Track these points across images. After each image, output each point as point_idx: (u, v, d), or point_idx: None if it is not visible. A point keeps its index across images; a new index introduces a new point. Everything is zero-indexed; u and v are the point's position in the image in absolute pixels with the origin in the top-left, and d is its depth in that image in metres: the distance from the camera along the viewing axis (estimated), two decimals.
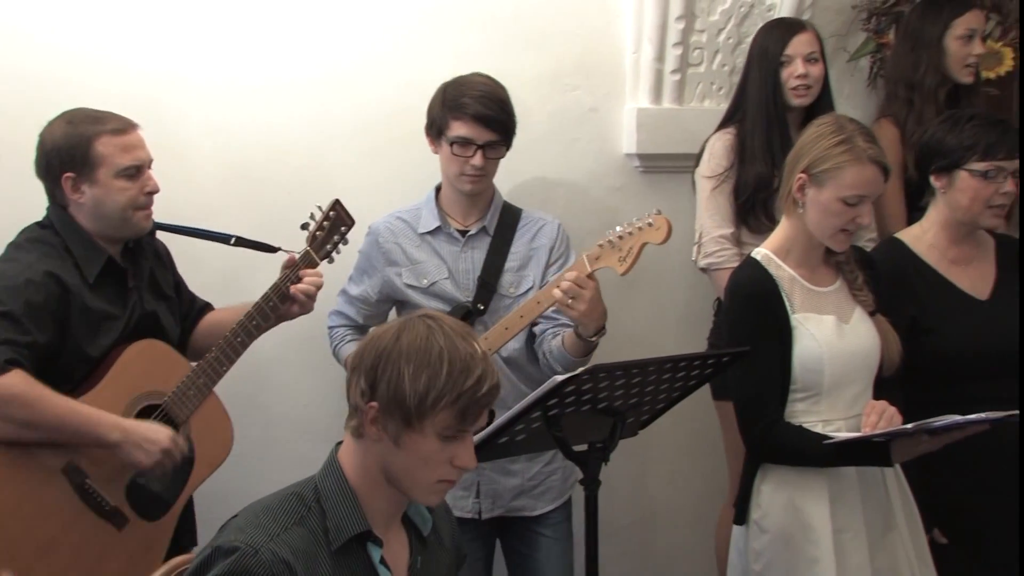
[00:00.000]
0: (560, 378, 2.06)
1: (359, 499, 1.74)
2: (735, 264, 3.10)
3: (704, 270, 3.21)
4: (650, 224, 2.50)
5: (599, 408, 2.17)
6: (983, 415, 2.24)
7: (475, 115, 2.70)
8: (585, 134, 3.39)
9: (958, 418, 2.24)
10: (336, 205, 2.66)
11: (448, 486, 1.78)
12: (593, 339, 2.63)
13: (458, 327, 1.73)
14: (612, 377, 2.12)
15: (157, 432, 2.41)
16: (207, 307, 2.80)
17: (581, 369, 2.07)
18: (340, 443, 1.80)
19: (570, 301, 2.53)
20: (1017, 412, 2.31)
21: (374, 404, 1.69)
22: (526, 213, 2.90)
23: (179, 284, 2.75)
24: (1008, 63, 3.51)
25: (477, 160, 2.73)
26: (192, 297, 2.78)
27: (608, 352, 2.70)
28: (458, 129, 2.73)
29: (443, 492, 1.79)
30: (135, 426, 2.41)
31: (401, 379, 1.66)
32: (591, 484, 2.21)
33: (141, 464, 2.40)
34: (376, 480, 1.75)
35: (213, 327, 2.72)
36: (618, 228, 2.54)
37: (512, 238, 2.84)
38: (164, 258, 2.71)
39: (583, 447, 2.22)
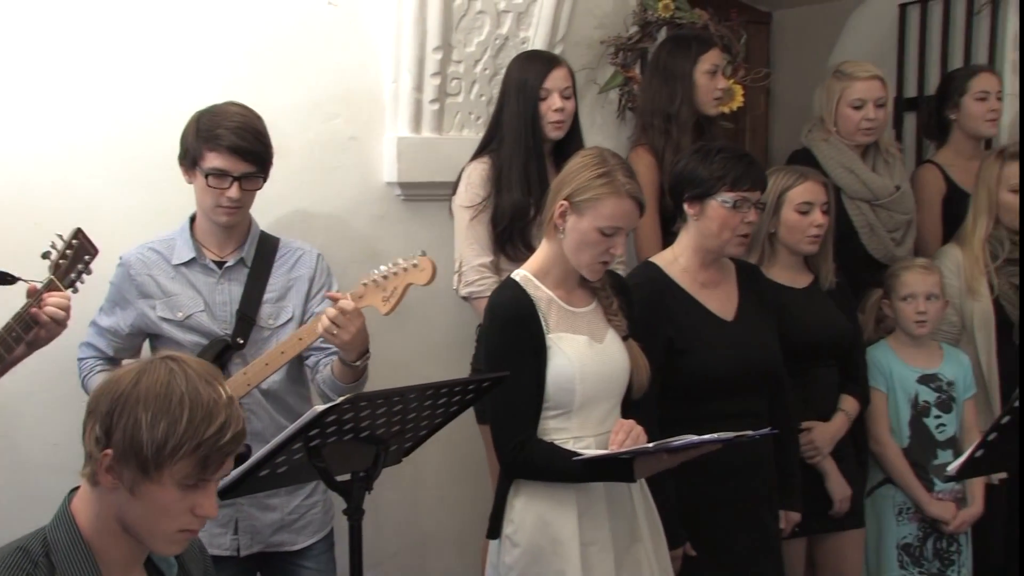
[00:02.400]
0: (320, 408, 2.04)
1: (93, 550, 1.65)
2: None
3: (466, 299, 3.25)
4: (415, 265, 2.53)
5: (361, 437, 2.15)
6: (716, 436, 2.37)
7: (231, 147, 2.64)
8: (345, 163, 3.39)
9: (694, 438, 2.35)
10: (78, 234, 2.53)
11: (190, 536, 1.71)
12: (357, 364, 2.62)
13: (202, 370, 1.66)
14: (373, 405, 2.11)
15: None
16: None
17: (341, 399, 2.05)
18: (74, 490, 1.71)
19: (336, 331, 2.53)
20: (749, 432, 2.45)
21: (108, 452, 1.61)
22: (284, 242, 2.86)
23: None
24: (739, 99, 3.76)
25: (233, 192, 2.67)
26: None
27: (374, 380, 2.70)
28: (213, 160, 2.65)
29: (184, 542, 1.71)
30: None
31: (138, 427, 1.59)
32: (355, 513, 2.19)
33: None
34: (112, 530, 1.66)
35: None
36: (383, 267, 2.56)
37: (270, 269, 2.79)
38: None
39: (346, 477, 2.20)
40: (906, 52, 4.67)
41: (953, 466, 2.60)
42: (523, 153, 3.20)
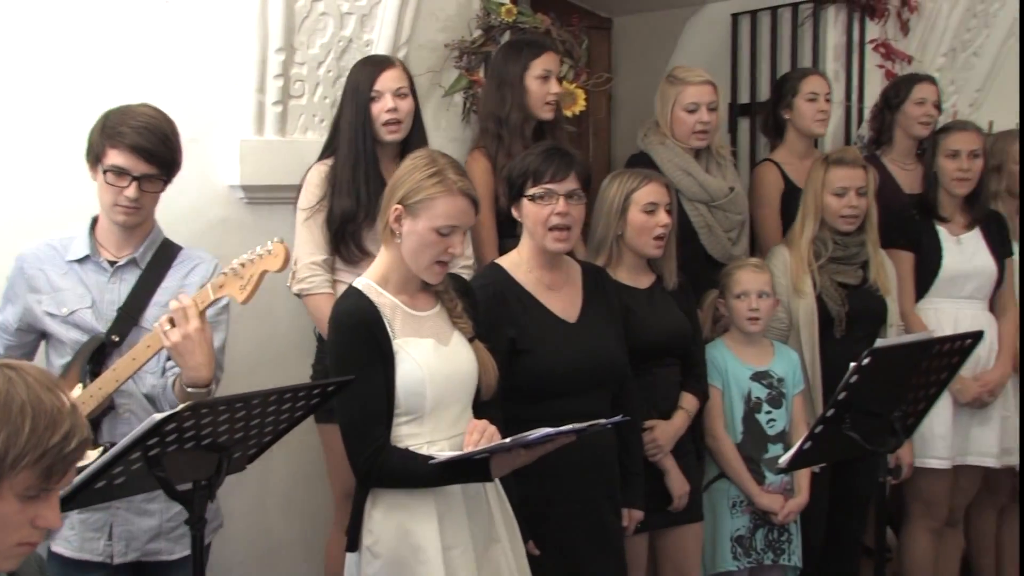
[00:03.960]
0: (159, 416, 1.99)
1: None
2: (327, 289, 3.19)
3: (298, 295, 3.25)
4: (269, 251, 2.51)
5: (203, 445, 2.12)
6: (570, 426, 2.41)
7: (132, 145, 2.60)
8: (185, 165, 3.29)
9: (549, 430, 2.38)
10: None
11: (30, 549, 1.64)
12: (203, 391, 2.54)
13: (42, 377, 1.60)
14: (215, 412, 2.08)
15: None
16: None
17: (182, 406, 2.02)
18: None
19: (167, 328, 2.46)
20: (601, 421, 2.51)
21: None
22: (185, 251, 2.82)
23: None
24: (581, 103, 3.83)
25: (131, 191, 2.63)
26: None
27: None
28: (114, 158, 2.62)
29: (22, 556, 1.64)
30: None
31: None
32: (197, 523, 2.15)
33: None
34: None
35: None
36: (242, 256, 2.53)
37: (165, 274, 2.75)
38: None
39: (188, 486, 2.16)
40: (738, 59, 4.85)
41: (784, 459, 2.74)
42: (354, 157, 3.22)
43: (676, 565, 3.35)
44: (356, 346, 2.47)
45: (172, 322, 2.48)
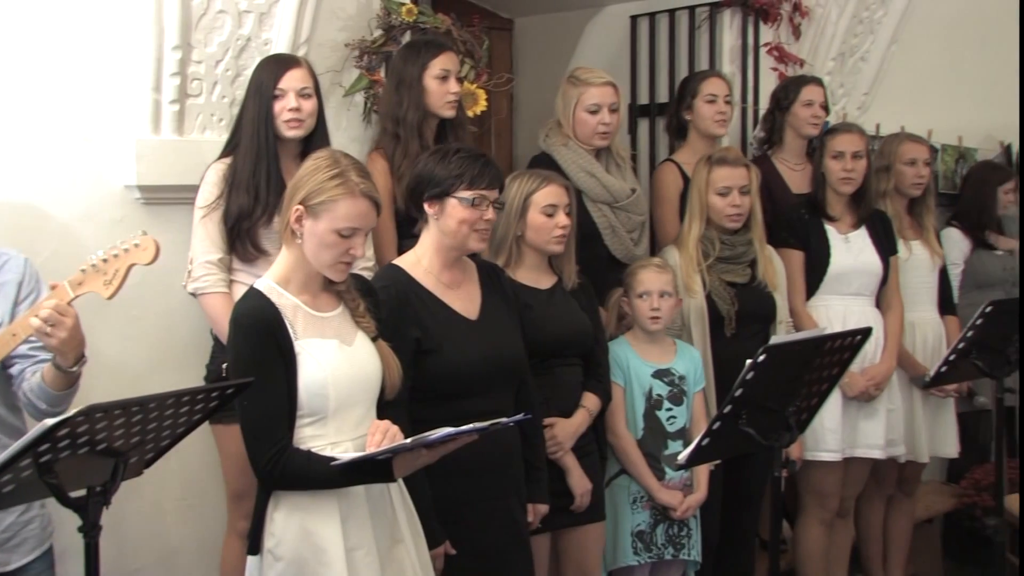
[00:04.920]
0: (51, 422, 1.94)
1: None
2: (222, 289, 3.15)
3: (193, 294, 3.20)
4: (136, 245, 2.43)
5: (98, 450, 2.08)
6: (471, 426, 2.42)
7: None
8: (80, 165, 3.24)
9: (451, 430, 2.39)
10: None
11: None
12: (74, 369, 2.50)
13: None
14: (110, 416, 2.04)
15: None
16: None
17: (75, 411, 1.97)
18: None
19: (49, 329, 2.40)
20: (503, 419, 2.53)
21: None
22: None
23: None
24: (482, 103, 3.84)
25: None
26: None
27: (106, 386, 2.61)
28: None
29: None
30: None
31: None
32: (92, 530, 2.11)
33: None
34: None
35: None
36: (100, 252, 2.44)
37: None
38: None
39: (81, 492, 2.12)
40: (638, 61, 4.91)
41: (683, 455, 2.79)
42: (255, 154, 3.19)
43: (578, 564, 3.38)
44: (256, 348, 2.45)
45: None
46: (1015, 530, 3.79)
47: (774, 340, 2.70)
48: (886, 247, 4.08)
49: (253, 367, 2.41)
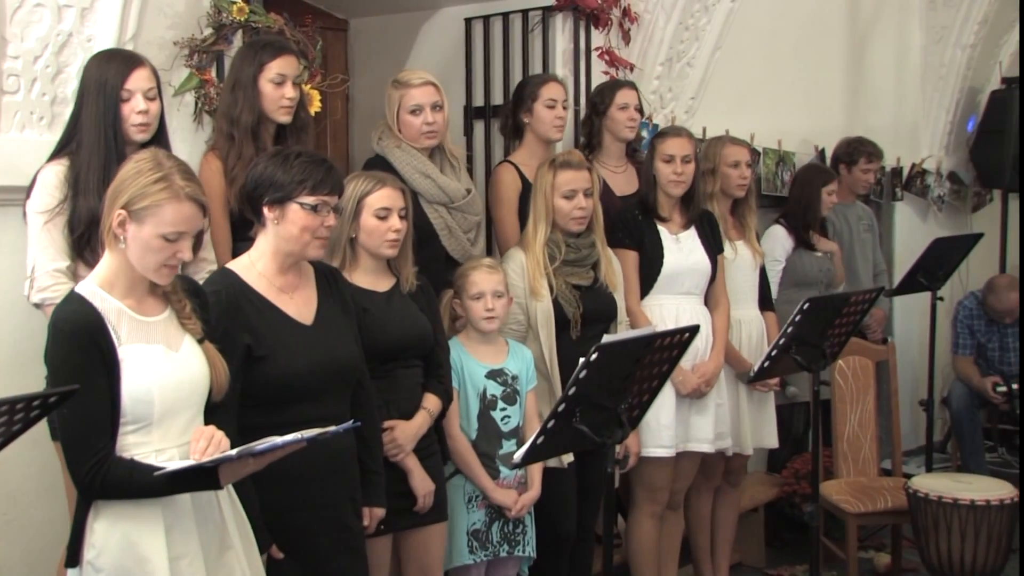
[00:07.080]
0: None
1: None
2: None
3: (38, 305, 3.08)
4: None
5: None
6: (299, 434, 2.40)
7: None
8: None
9: (277, 440, 2.37)
10: None
11: None
12: None
13: None
14: None
15: None
16: None
17: None
18: None
19: None
20: (332, 428, 2.50)
21: None
22: None
23: None
24: (316, 104, 3.81)
25: None
26: None
27: None
28: None
29: None
30: None
31: None
32: None
33: None
34: None
35: None
36: None
37: None
38: None
39: None
40: (472, 63, 4.94)
41: (518, 454, 2.83)
42: (103, 156, 3.07)
43: (419, 565, 3.39)
44: (76, 355, 2.37)
45: None
46: (829, 514, 3.98)
47: (606, 339, 2.76)
48: (714, 247, 4.22)
49: (72, 375, 2.32)
